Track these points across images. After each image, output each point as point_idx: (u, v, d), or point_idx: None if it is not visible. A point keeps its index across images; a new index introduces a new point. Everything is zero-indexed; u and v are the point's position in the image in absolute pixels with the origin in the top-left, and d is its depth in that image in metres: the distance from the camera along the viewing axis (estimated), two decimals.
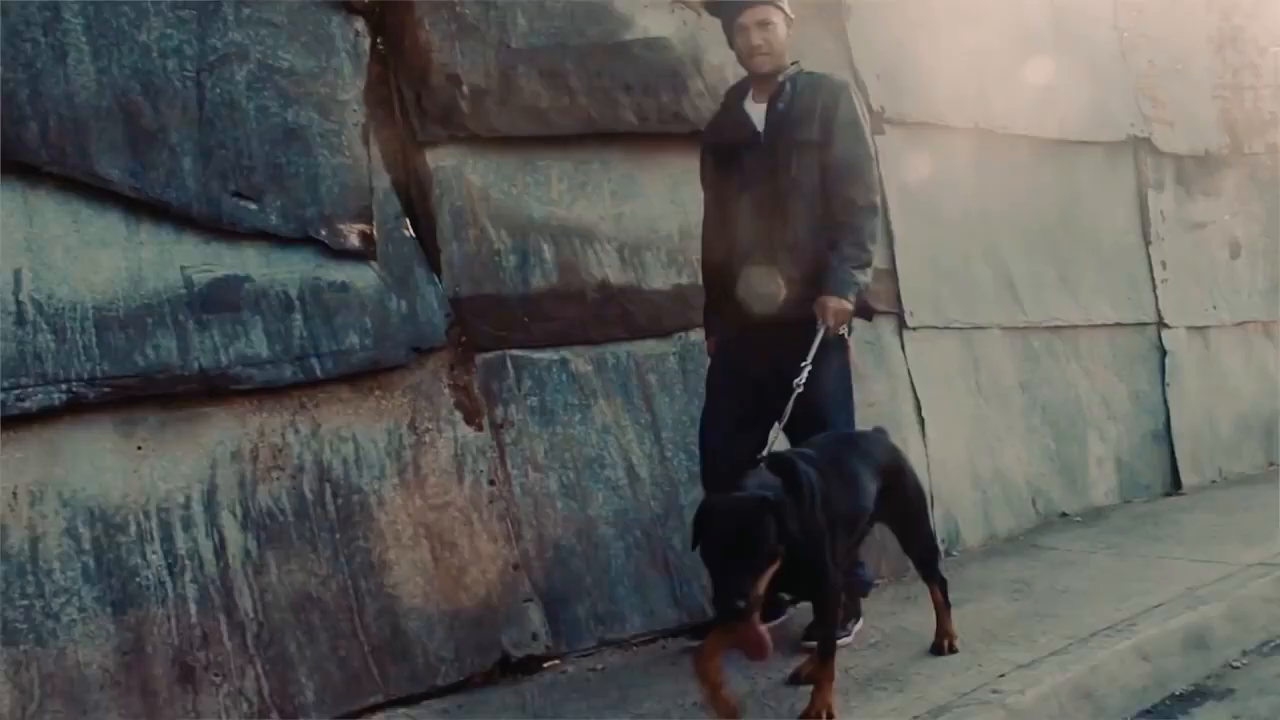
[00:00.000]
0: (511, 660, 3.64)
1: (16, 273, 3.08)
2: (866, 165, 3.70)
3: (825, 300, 3.55)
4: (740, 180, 3.73)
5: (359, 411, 3.56)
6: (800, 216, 3.64)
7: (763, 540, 2.76)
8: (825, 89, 3.71)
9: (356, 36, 3.86)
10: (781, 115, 3.68)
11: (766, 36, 3.71)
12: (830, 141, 3.64)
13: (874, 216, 3.70)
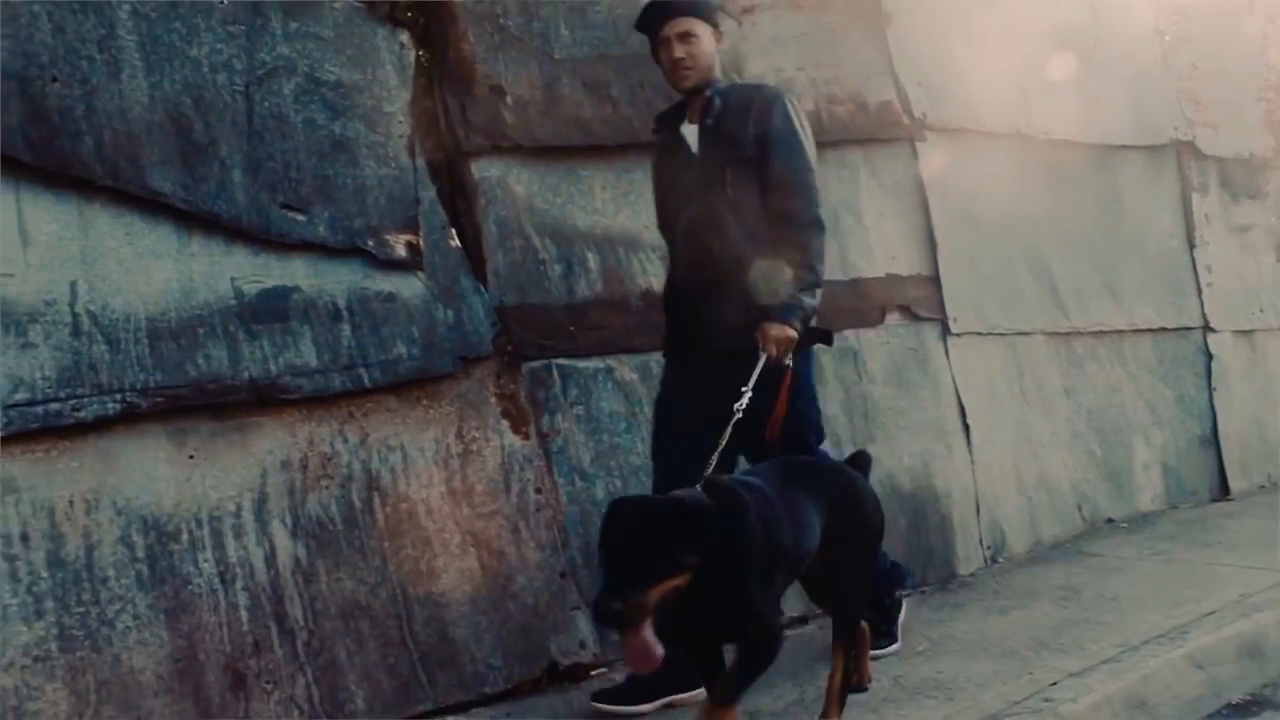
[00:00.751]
0: (560, 668, 3.65)
1: (72, 284, 3.12)
2: (807, 178, 3.44)
3: (767, 327, 3.29)
4: (680, 203, 3.53)
5: (407, 421, 3.59)
6: (740, 237, 3.40)
7: (664, 545, 2.48)
8: (757, 101, 3.47)
9: (401, 49, 3.89)
10: (712, 132, 3.45)
11: (690, 50, 3.45)
12: (767, 156, 3.40)
13: (819, 233, 3.43)
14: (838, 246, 4.82)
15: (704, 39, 3.48)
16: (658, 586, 2.45)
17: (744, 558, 2.68)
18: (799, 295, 3.34)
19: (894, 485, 4.75)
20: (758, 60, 4.76)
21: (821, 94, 4.89)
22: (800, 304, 3.35)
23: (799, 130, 3.46)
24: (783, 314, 3.31)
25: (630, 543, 2.49)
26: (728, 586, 2.62)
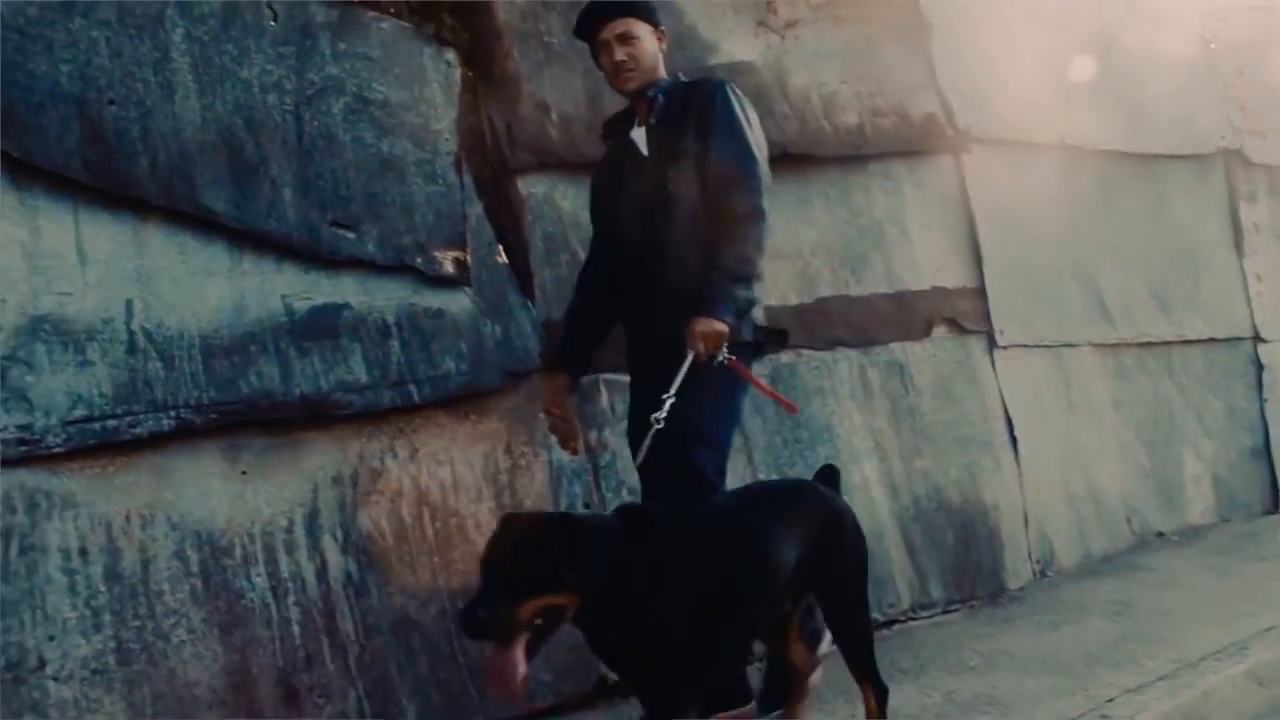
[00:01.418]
0: (608, 683, 3.64)
1: (128, 303, 3.16)
2: (748, 167, 3.19)
3: (694, 322, 3.03)
4: (632, 210, 3.32)
5: (456, 436, 3.61)
6: (680, 234, 3.20)
7: (540, 561, 2.33)
8: (698, 92, 3.29)
9: (448, 67, 3.93)
10: (655, 130, 3.29)
11: (630, 51, 3.28)
12: (708, 147, 3.20)
13: (758, 223, 3.17)
14: (883, 259, 4.83)
15: (645, 39, 3.32)
16: (529, 603, 2.31)
17: (649, 590, 2.47)
18: (731, 287, 3.08)
19: (941, 499, 4.73)
20: (800, 74, 4.77)
21: (865, 107, 4.89)
22: (732, 296, 3.07)
23: (740, 118, 3.24)
24: (712, 307, 3.04)
25: (506, 556, 2.36)
26: (638, 620, 2.46)
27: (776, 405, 4.24)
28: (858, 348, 4.66)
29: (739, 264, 3.11)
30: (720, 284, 3.07)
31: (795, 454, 4.32)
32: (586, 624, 2.50)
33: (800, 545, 2.77)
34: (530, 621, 2.32)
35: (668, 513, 2.70)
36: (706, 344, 3.02)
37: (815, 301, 4.58)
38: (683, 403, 3.01)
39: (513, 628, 2.30)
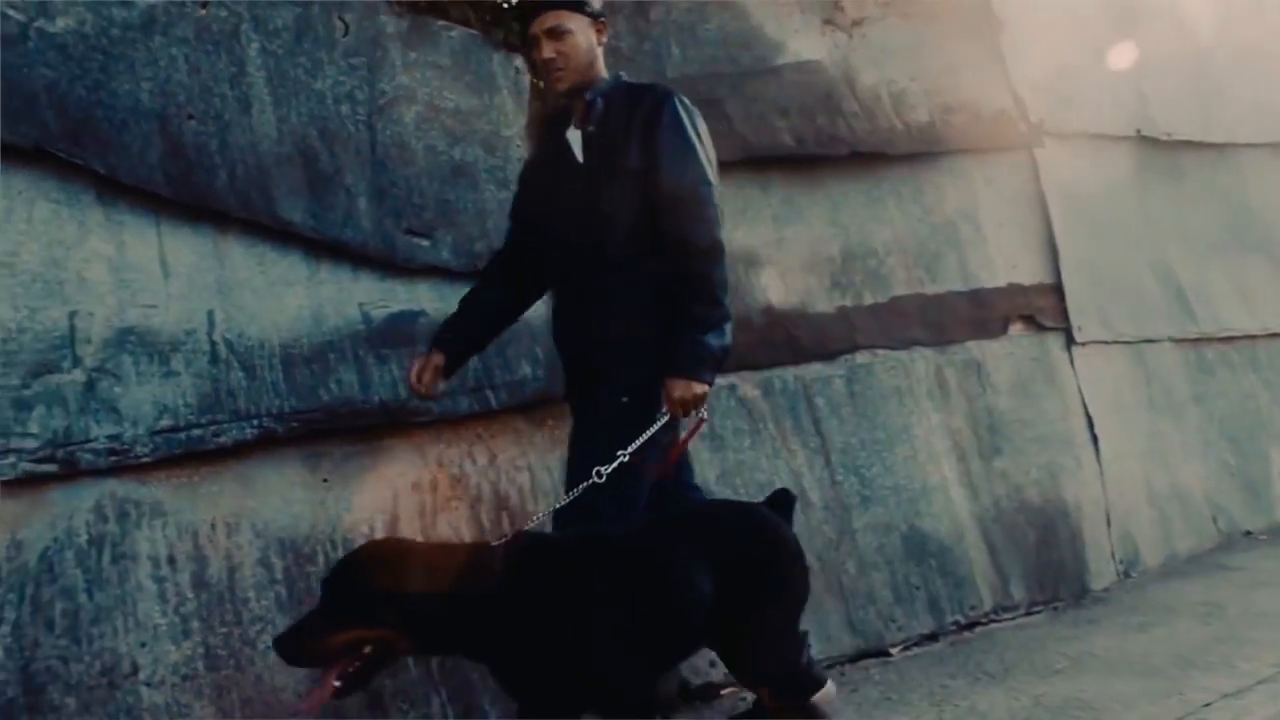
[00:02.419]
0: (690, 687, 3.61)
1: (210, 314, 3.20)
2: (703, 194, 2.89)
3: (671, 385, 2.81)
4: (562, 220, 3.03)
5: (533, 441, 3.61)
6: (615, 258, 2.91)
7: (362, 591, 2.25)
8: (644, 101, 2.97)
9: (516, 74, 3.94)
10: (593, 139, 2.98)
11: (560, 48, 2.98)
12: (655, 167, 2.88)
13: (720, 259, 2.90)
14: (957, 257, 4.76)
15: (578, 33, 3.00)
16: (343, 633, 2.24)
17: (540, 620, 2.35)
18: (705, 339, 2.83)
19: (1022, 499, 4.64)
20: (868, 72, 4.72)
21: (935, 104, 4.83)
22: (708, 350, 2.84)
23: (692, 137, 2.93)
24: (689, 367, 2.81)
25: (335, 581, 2.30)
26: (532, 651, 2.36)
27: (853, 408, 4.24)
28: (934, 347, 4.60)
29: (709, 311, 2.86)
30: (695, 337, 2.82)
31: (873, 455, 4.27)
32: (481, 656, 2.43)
33: (722, 572, 2.56)
34: (345, 650, 2.25)
35: (566, 540, 2.59)
36: (685, 408, 2.83)
37: (890, 301, 4.53)
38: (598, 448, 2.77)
39: (317, 655, 2.25)
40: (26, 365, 2.92)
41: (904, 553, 4.23)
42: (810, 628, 3.88)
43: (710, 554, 2.58)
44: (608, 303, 2.91)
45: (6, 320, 2.92)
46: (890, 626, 4.09)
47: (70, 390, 2.97)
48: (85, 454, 2.95)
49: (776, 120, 4.39)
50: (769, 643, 2.68)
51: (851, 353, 4.34)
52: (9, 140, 2.98)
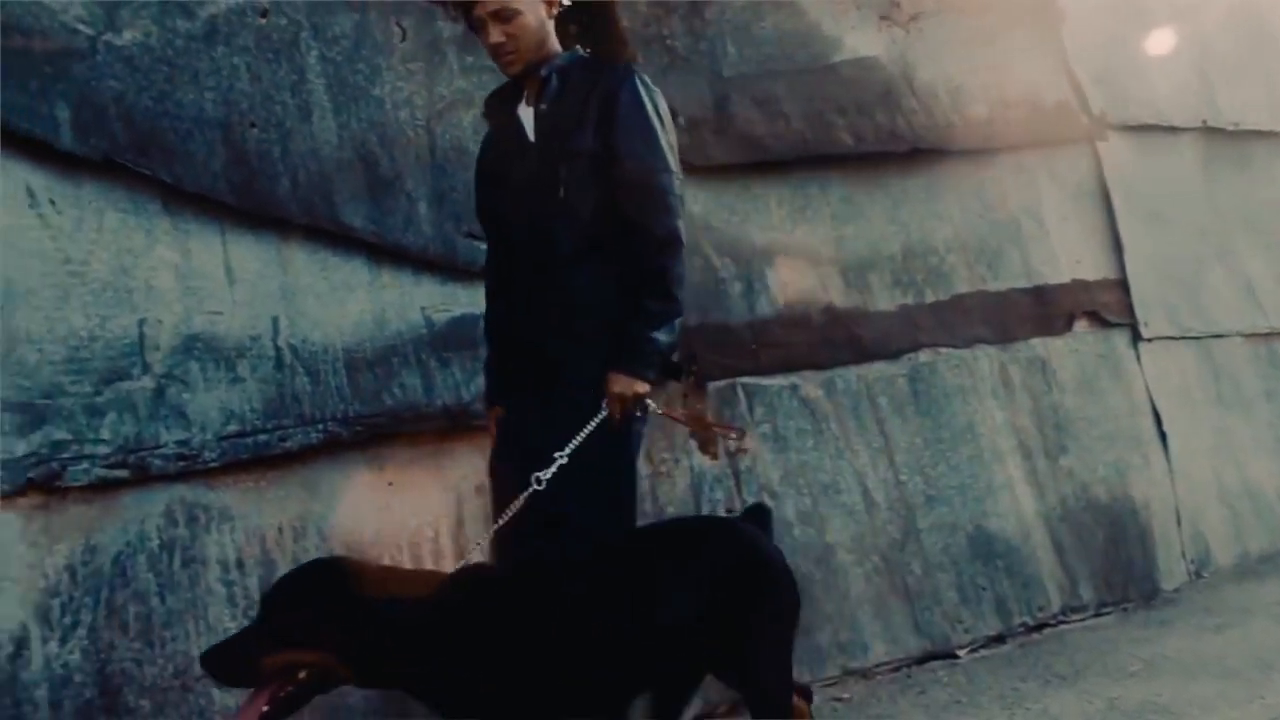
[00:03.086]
0: None
1: (274, 320, 3.23)
2: (663, 182, 2.68)
3: (611, 380, 2.59)
4: (513, 204, 2.81)
5: None
6: (575, 250, 2.69)
7: (288, 607, 2.12)
8: (602, 80, 2.75)
9: None
10: (546, 118, 2.75)
11: (508, 30, 2.73)
12: (614, 152, 2.67)
13: (678, 252, 2.69)
14: (1019, 253, 4.70)
15: (526, 12, 2.75)
16: (277, 655, 2.08)
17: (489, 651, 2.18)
18: (653, 335, 2.63)
19: (1089, 497, 4.57)
20: (926, 67, 4.67)
21: (994, 98, 4.77)
22: (655, 347, 2.63)
23: (652, 119, 2.72)
24: (632, 363, 2.61)
25: (274, 597, 2.17)
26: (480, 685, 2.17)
27: (916, 407, 4.19)
28: (997, 344, 4.53)
29: (662, 304, 2.66)
30: (643, 331, 2.62)
31: (937, 455, 4.22)
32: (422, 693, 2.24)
33: (701, 594, 2.34)
34: (279, 672, 2.09)
35: (521, 568, 2.42)
36: (622, 406, 2.59)
37: (952, 298, 4.47)
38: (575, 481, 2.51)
39: (247, 675, 2.11)
40: (98, 372, 2.96)
41: (970, 553, 4.17)
42: (876, 629, 3.87)
43: (687, 572, 2.37)
44: (567, 292, 2.69)
45: (78, 329, 2.96)
46: (957, 628, 4.04)
47: (140, 397, 3.00)
48: (155, 459, 2.98)
49: (834, 118, 4.35)
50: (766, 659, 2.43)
51: (914, 351, 4.29)
52: (79, 152, 3.02)
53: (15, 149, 2.97)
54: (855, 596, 3.89)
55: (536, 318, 2.72)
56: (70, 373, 2.93)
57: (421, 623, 2.16)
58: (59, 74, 3.05)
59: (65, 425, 2.89)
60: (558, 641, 2.21)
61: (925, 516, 4.08)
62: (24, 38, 3.02)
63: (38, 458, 2.83)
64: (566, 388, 2.62)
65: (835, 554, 3.90)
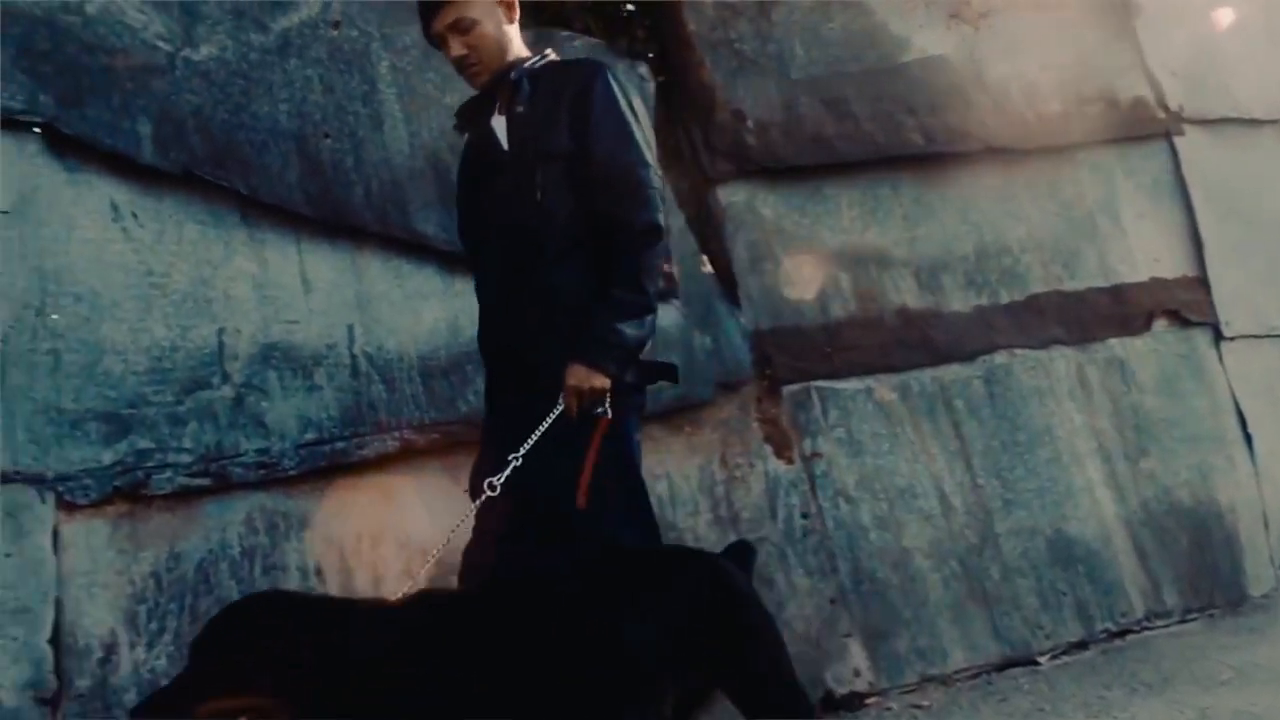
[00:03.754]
0: (835, 697, 3.55)
1: (350, 328, 3.25)
2: (641, 174, 2.58)
3: (570, 371, 2.44)
4: (490, 214, 2.71)
5: (671, 449, 3.58)
6: (556, 253, 2.57)
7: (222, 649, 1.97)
8: (572, 79, 2.66)
9: (641, 80, 3.93)
10: (519, 121, 2.66)
11: (469, 42, 2.66)
12: (588, 147, 2.58)
13: (655, 242, 2.56)
14: (1096, 252, 4.61)
15: (485, 20, 2.68)
16: (212, 702, 1.93)
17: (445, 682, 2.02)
18: (618, 327, 2.47)
19: (1172, 501, 4.46)
20: (998, 65, 4.60)
21: (1069, 94, 4.68)
22: (619, 339, 2.46)
23: (625, 114, 2.63)
24: (591, 354, 2.45)
25: (206, 639, 2.00)
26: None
27: (992, 409, 4.13)
28: (1074, 345, 4.44)
29: (632, 295, 2.51)
30: (607, 322, 2.47)
31: (1014, 457, 4.14)
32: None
33: (668, 627, 2.19)
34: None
35: (473, 594, 2.35)
36: (579, 398, 2.43)
37: (1027, 299, 4.39)
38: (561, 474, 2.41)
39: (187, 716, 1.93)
40: (180, 382, 3.00)
41: (1049, 557, 4.09)
42: (954, 635, 3.81)
43: (653, 605, 2.21)
44: (549, 292, 2.58)
45: (160, 339, 3.01)
46: (1037, 634, 3.96)
47: (220, 406, 3.04)
48: (235, 468, 3.01)
49: (904, 118, 4.30)
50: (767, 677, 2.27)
51: (989, 353, 4.22)
52: (160, 165, 3.08)
53: (99, 164, 3.04)
54: (933, 602, 3.83)
55: (518, 320, 2.62)
56: (153, 382, 2.98)
57: (383, 652, 2.00)
58: (140, 90, 3.11)
59: (149, 434, 2.94)
60: (532, 664, 2.08)
61: (1003, 521, 4.01)
62: (107, 56, 3.09)
63: (123, 466, 2.88)
64: (549, 389, 2.47)
65: (912, 559, 3.85)
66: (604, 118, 2.59)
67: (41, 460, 2.80)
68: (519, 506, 2.42)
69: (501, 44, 2.70)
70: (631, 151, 2.59)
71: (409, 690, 1.99)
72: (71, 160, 3.02)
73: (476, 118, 2.79)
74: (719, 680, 2.25)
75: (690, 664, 2.19)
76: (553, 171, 2.58)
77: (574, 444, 2.42)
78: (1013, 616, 3.93)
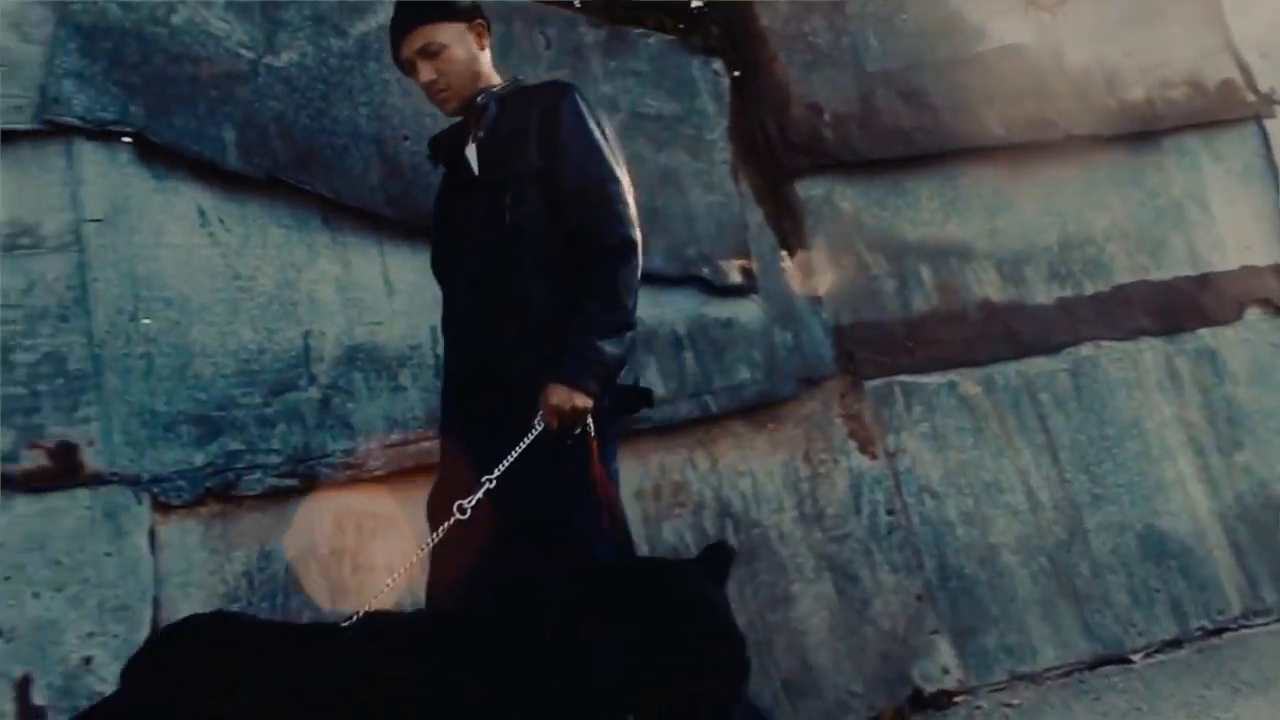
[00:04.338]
0: (924, 695, 3.50)
1: (433, 329, 3.26)
2: (612, 189, 2.54)
3: (549, 390, 2.37)
4: (461, 240, 2.68)
5: (754, 445, 3.56)
6: (531, 266, 2.54)
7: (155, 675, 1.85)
8: (540, 99, 2.64)
9: (716, 76, 3.91)
10: (486, 144, 2.64)
11: (439, 67, 2.66)
12: (558, 165, 2.55)
13: (631, 259, 2.50)
14: (1184, 240, 4.49)
15: (454, 45, 2.67)
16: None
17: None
18: (597, 345, 2.41)
19: (1268, 495, 4.33)
20: (1077, 51, 4.50)
21: (1153, 79, 4.57)
22: (599, 356, 2.40)
23: (593, 131, 2.60)
24: (570, 373, 2.38)
25: (138, 665, 1.88)
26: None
27: (1079, 402, 4.05)
28: (1162, 336, 4.33)
29: (608, 312, 2.44)
30: (584, 340, 2.40)
31: (1102, 451, 4.05)
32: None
33: (626, 647, 2.08)
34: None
35: (426, 617, 2.27)
36: (559, 418, 2.36)
37: (1112, 289, 4.29)
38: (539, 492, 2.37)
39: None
40: (267, 384, 3.03)
41: (1141, 553, 3.99)
42: (1044, 632, 3.73)
43: (617, 622, 2.11)
44: (526, 307, 2.53)
45: (248, 342, 3.05)
46: (1130, 631, 3.87)
47: (307, 407, 3.07)
48: (323, 468, 3.04)
49: (983, 108, 4.23)
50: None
51: (1075, 345, 4.14)
52: (244, 171, 3.12)
53: (186, 171, 3.09)
54: (1022, 599, 3.76)
55: (494, 333, 2.56)
56: (241, 385, 3.02)
57: (325, 679, 1.91)
58: (224, 97, 3.16)
59: (238, 436, 2.98)
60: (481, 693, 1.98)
61: (1092, 516, 3.93)
62: (193, 65, 3.14)
63: (214, 468, 2.92)
64: (527, 401, 2.41)
65: (1000, 555, 3.78)
66: (572, 135, 2.57)
67: (137, 462, 2.86)
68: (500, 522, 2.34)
69: (472, 69, 2.69)
70: (601, 167, 2.56)
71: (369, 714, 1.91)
72: (160, 168, 3.07)
73: (451, 146, 2.79)
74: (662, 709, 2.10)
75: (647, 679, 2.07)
76: (523, 191, 2.56)
77: (558, 461, 2.37)
78: (1104, 614, 3.84)
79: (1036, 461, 3.94)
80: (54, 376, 2.84)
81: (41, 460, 2.79)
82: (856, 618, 3.52)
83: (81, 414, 2.83)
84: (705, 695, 2.10)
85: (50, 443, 2.80)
